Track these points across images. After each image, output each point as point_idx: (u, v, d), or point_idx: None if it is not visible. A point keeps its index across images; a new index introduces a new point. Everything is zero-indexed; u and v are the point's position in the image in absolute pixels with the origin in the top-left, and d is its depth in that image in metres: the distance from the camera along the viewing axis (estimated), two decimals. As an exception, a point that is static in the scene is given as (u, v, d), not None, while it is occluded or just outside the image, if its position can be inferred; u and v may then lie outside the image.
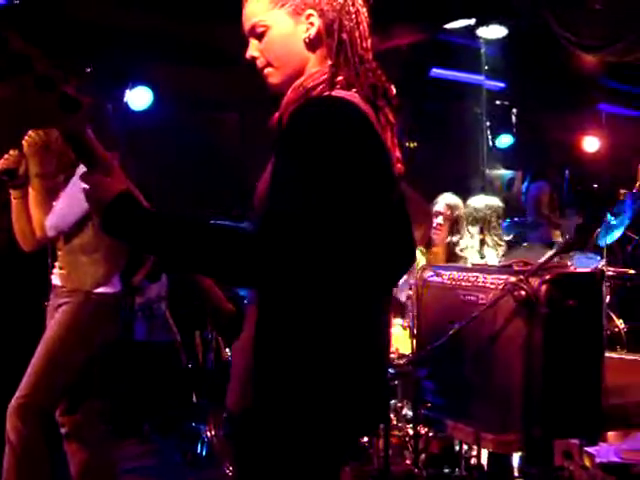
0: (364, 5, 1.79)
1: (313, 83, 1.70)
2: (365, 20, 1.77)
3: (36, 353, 3.17)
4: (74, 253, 3.26)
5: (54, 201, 3.18)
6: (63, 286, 3.28)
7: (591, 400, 3.01)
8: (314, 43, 1.73)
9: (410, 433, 3.95)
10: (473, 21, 5.25)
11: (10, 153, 3.24)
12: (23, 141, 3.15)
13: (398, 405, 4.40)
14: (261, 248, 1.49)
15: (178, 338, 5.72)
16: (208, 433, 4.52)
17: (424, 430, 4.18)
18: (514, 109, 6.60)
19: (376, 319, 1.72)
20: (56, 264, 3.33)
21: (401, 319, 4.50)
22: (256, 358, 1.61)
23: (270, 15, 1.72)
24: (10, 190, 3.27)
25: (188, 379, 5.42)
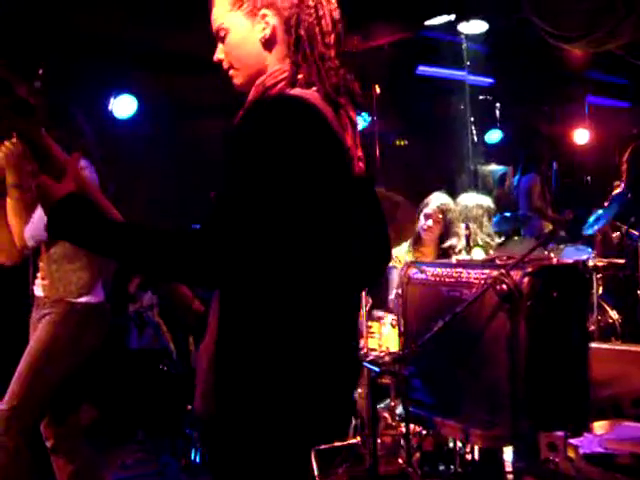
0: (329, 1, 1.77)
1: (272, 81, 1.71)
2: (329, 15, 1.75)
3: (20, 365, 3.12)
4: (56, 262, 3.21)
5: (33, 212, 3.16)
6: (46, 297, 3.23)
7: (578, 391, 3.01)
8: (271, 42, 1.74)
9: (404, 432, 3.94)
10: (453, 17, 5.25)
11: None
12: None
13: (391, 404, 4.39)
14: (205, 242, 1.48)
15: (171, 345, 5.71)
16: (202, 439, 4.51)
17: (419, 429, 4.18)
18: (497, 103, 6.60)
19: (342, 318, 1.71)
20: (38, 275, 3.28)
21: (390, 317, 4.49)
22: (216, 362, 1.61)
23: (229, 18, 1.75)
24: None
25: (182, 385, 5.40)
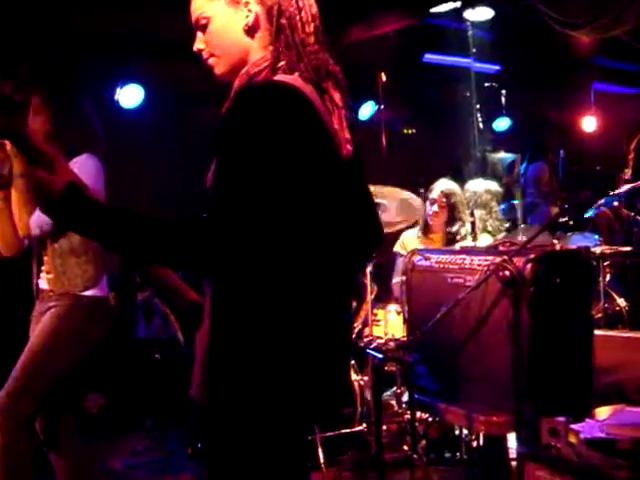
0: None
1: (256, 69, 1.73)
2: (308, 4, 1.79)
3: (21, 357, 3.10)
4: (62, 256, 3.18)
5: None
6: (51, 290, 3.20)
7: (580, 377, 3.00)
8: (253, 30, 1.76)
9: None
10: (459, 4, 5.23)
11: None
12: (5, 141, 3.13)
13: (397, 392, 4.41)
14: (208, 231, 1.51)
15: (179, 334, 5.73)
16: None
17: (425, 416, 4.20)
18: (503, 90, 6.58)
19: (334, 303, 1.72)
20: (42, 268, 3.25)
21: (395, 305, 4.51)
22: (211, 349, 1.63)
23: (211, 7, 1.77)
24: None
25: (189, 373, 5.44)
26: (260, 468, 1.64)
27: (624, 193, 5.24)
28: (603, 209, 5.34)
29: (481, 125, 5.91)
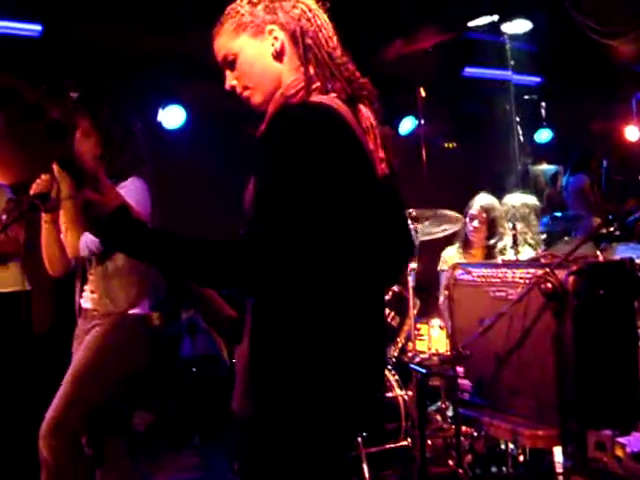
0: (321, 8, 1.85)
1: (292, 91, 1.76)
2: (325, 21, 1.83)
3: (67, 375, 3.14)
4: (107, 278, 3.21)
5: None
6: (95, 309, 3.24)
7: (627, 390, 2.96)
8: (281, 55, 1.80)
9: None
10: (496, 17, 5.23)
11: (42, 177, 3.22)
12: (54, 164, 3.19)
13: (442, 406, 4.39)
14: (249, 250, 1.54)
15: (224, 352, 5.77)
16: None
17: (471, 430, 4.17)
18: (543, 103, 6.54)
19: (371, 317, 1.74)
20: (86, 287, 3.30)
21: (438, 319, 4.50)
22: (252, 364, 1.65)
23: (235, 43, 1.82)
24: (42, 214, 3.28)
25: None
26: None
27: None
28: (646, 218, 5.24)
29: (522, 138, 5.88)
